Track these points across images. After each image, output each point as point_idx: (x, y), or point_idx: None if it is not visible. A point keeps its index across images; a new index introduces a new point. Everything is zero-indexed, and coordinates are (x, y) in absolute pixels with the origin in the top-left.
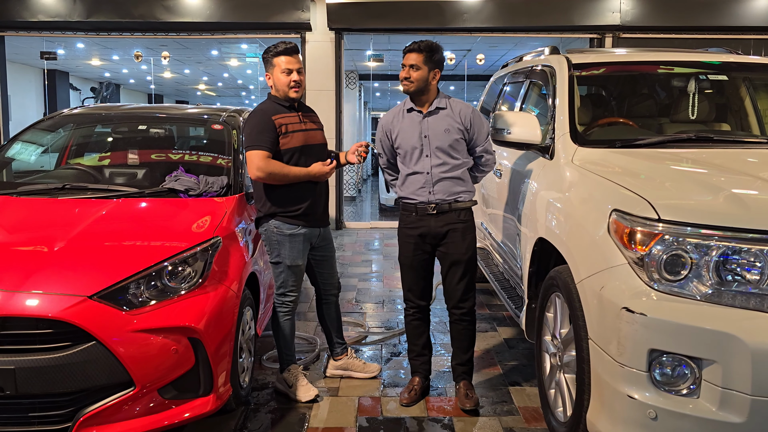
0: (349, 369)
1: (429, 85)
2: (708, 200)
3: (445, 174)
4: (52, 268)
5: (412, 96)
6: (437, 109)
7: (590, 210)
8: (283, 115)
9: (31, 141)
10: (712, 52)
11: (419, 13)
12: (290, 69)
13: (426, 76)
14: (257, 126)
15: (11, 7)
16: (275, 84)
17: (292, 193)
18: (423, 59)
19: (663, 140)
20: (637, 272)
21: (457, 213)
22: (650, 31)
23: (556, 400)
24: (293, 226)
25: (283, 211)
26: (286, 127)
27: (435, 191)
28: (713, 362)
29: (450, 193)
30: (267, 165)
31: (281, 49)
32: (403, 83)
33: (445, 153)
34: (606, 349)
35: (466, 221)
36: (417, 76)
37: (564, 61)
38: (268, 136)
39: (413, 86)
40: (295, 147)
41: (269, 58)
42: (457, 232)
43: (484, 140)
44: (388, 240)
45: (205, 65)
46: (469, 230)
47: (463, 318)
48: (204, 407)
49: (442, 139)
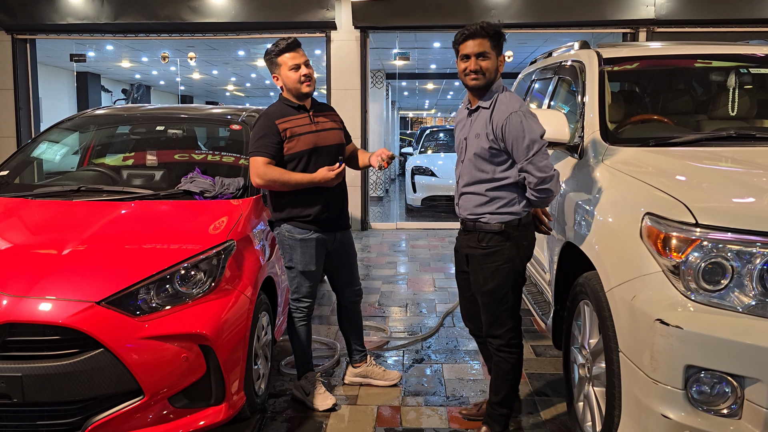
0: (369, 376)
1: (497, 76)
2: (750, 203)
3: (467, 189)
4: (61, 272)
5: (482, 92)
6: (478, 107)
7: (621, 213)
8: (288, 118)
9: (54, 140)
10: (754, 44)
11: (445, 10)
12: (297, 64)
13: (496, 65)
14: (259, 131)
15: (41, 10)
16: (285, 83)
17: (300, 199)
18: (491, 45)
19: (700, 138)
20: (672, 281)
21: (479, 236)
22: (686, 24)
23: (584, 414)
24: (305, 231)
25: (294, 216)
26: (291, 131)
27: (460, 205)
28: (757, 381)
29: (471, 212)
30: (265, 172)
31: (283, 46)
32: (470, 78)
33: (472, 163)
34: (638, 364)
35: (487, 248)
36: (487, 65)
37: (594, 56)
38: (269, 141)
39: (484, 80)
40: (303, 151)
41: (273, 59)
42: (475, 259)
43: (524, 155)
44: (414, 241)
45: (233, 66)
46: (490, 259)
47: (496, 352)
48: (216, 416)
49: (474, 146)
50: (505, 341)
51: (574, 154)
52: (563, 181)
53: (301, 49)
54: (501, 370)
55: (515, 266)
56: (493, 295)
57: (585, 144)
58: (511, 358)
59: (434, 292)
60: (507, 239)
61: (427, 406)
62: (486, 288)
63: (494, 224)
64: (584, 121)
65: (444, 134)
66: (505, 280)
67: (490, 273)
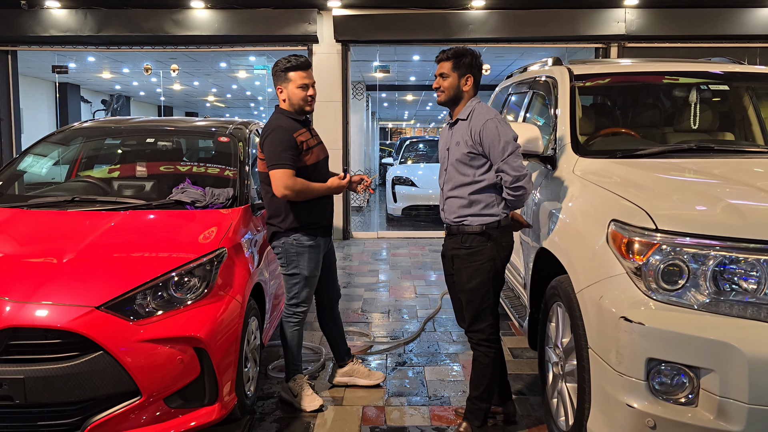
0: (354, 375)
1: (461, 93)
2: (706, 210)
3: (451, 192)
4: (61, 279)
5: (447, 106)
6: (457, 120)
7: (590, 220)
8: (301, 131)
9: (42, 154)
10: (715, 62)
11: (425, 25)
12: (306, 84)
13: (456, 83)
14: (281, 144)
15: (24, 22)
16: (290, 98)
17: (316, 208)
18: (452, 65)
19: (664, 150)
20: (635, 282)
21: (462, 237)
22: (655, 40)
23: (558, 410)
24: (312, 238)
25: (307, 224)
26: (306, 143)
27: (445, 210)
28: (711, 371)
29: (456, 215)
30: (294, 183)
31: (295, 63)
32: (436, 94)
33: (454, 168)
34: (605, 358)
35: (470, 248)
36: (447, 84)
37: (566, 72)
38: (291, 154)
39: (444, 95)
40: (314, 163)
41: (282, 73)
42: (459, 259)
43: (500, 156)
44: (395, 250)
45: (214, 77)
46: (472, 258)
47: (476, 347)
48: (209, 416)
49: (455, 153)
50: (485, 336)
51: (547, 165)
52: (537, 191)
53: (312, 70)
54: (480, 364)
55: (495, 265)
56: (475, 293)
57: (557, 155)
58: (490, 353)
59: (415, 299)
60: (488, 239)
61: (410, 406)
62: (468, 286)
63: (476, 226)
64: (556, 133)
65: (424, 145)
66: (487, 278)
67: (472, 271)
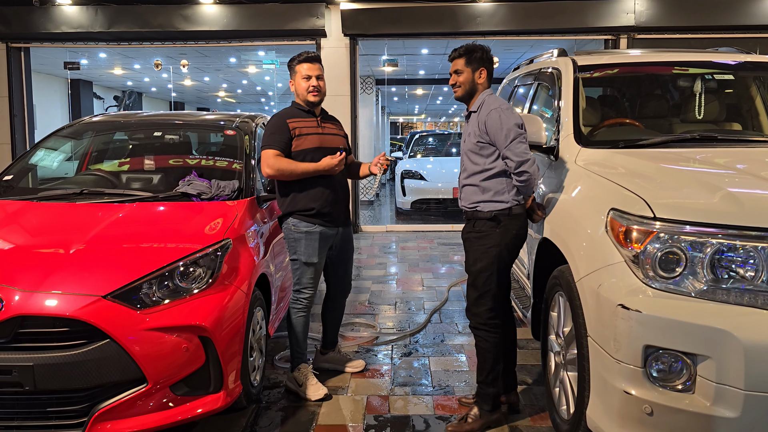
0: (335, 363)
1: (476, 86)
2: (704, 199)
3: (466, 180)
4: (69, 269)
5: (464, 101)
6: (471, 112)
7: (589, 209)
8: (299, 119)
9: (52, 148)
10: (722, 51)
11: (433, 18)
12: (309, 75)
13: (471, 77)
14: (272, 128)
15: (36, 19)
16: (296, 89)
17: (307, 193)
18: (465, 61)
19: (666, 140)
20: (633, 270)
21: (474, 222)
22: (665, 31)
23: (560, 398)
24: (310, 224)
25: (300, 209)
26: (300, 130)
27: (462, 197)
28: (707, 358)
29: (470, 201)
30: (275, 162)
31: (303, 57)
32: (454, 90)
33: (468, 158)
34: (604, 346)
35: (479, 232)
36: (462, 79)
37: (570, 63)
38: (280, 137)
39: (461, 90)
40: (308, 149)
41: (293, 66)
42: (468, 242)
43: (504, 143)
44: (404, 243)
45: (225, 73)
46: (480, 242)
47: (475, 330)
48: (214, 404)
49: (468, 143)
50: (483, 320)
51: (550, 156)
52: (540, 182)
53: (319, 63)
54: (481, 349)
55: (501, 251)
56: (479, 275)
57: (560, 146)
58: (489, 337)
59: (423, 291)
60: (497, 225)
61: (414, 396)
62: (474, 268)
63: (486, 212)
64: (560, 124)
65: (433, 138)
66: (491, 263)
67: (479, 255)
